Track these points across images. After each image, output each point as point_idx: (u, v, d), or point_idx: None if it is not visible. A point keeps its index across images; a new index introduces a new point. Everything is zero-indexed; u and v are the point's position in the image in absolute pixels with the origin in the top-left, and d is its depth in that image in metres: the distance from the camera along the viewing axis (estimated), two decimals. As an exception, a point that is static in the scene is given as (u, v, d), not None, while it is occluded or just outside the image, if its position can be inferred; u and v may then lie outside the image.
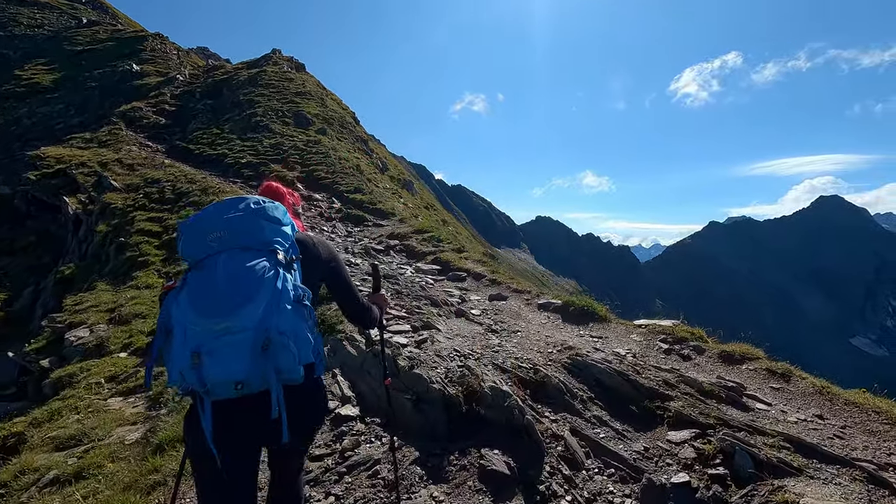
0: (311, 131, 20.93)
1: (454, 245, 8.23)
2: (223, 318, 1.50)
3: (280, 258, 1.67)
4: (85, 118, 27.88)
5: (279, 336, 1.54)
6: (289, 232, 1.79)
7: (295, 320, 1.59)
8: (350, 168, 16.90)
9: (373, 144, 29.43)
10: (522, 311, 5.25)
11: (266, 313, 1.54)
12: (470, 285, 6.37)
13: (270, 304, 1.56)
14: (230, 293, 1.54)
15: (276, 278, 1.61)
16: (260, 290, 1.56)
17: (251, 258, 1.62)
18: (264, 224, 1.73)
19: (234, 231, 1.68)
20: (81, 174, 17.10)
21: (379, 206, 11.98)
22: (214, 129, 21.69)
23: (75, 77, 33.97)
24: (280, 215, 1.80)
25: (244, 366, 1.51)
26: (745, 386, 3.36)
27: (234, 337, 1.51)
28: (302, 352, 1.59)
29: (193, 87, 29.78)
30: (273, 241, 1.71)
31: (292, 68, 31.65)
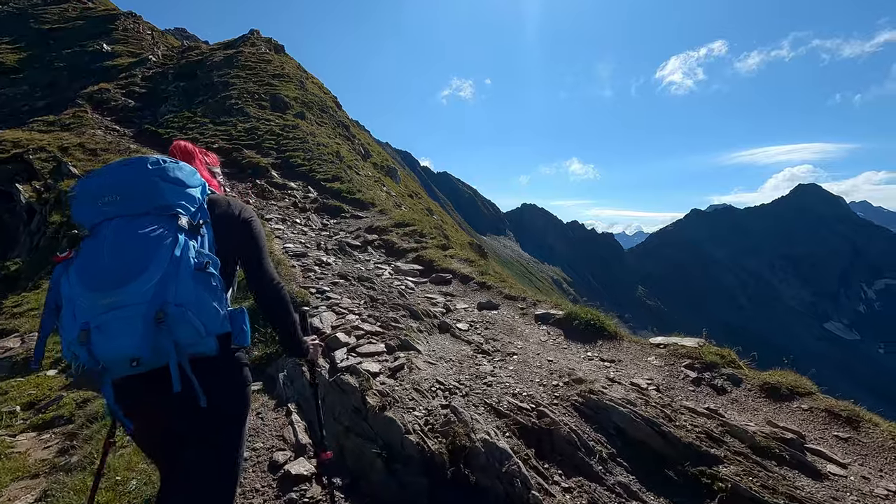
0: (289, 115, 19.76)
1: (438, 241, 7.38)
2: (110, 292, 1.39)
3: (182, 223, 1.53)
4: (52, 100, 26.16)
5: (176, 308, 1.42)
6: (195, 194, 1.63)
7: (197, 290, 1.47)
8: (329, 155, 15.87)
9: (355, 130, 28.25)
10: (517, 323, 4.45)
11: (161, 284, 1.42)
12: (456, 289, 5.55)
13: (167, 273, 1.43)
14: (118, 264, 1.42)
15: (175, 245, 1.47)
16: (154, 260, 1.43)
17: (146, 224, 1.48)
18: (163, 186, 1.56)
19: (129, 194, 1.52)
20: (39, 160, 15.78)
21: (358, 196, 11.05)
22: (186, 113, 20.37)
23: (42, 57, 31.97)
24: (184, 175, 1.62)
25: (136, 340, 1.38)
26: (804, 436, 2.62)
27: (124, 311, 1.38)
28: (208, 323, 1.47)
29: (166, 69, 28.16)
30: (174, 205, 1.56)
31: (271, 49, 30.16)
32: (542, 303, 4.92)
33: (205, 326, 1.46)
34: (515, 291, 5.28)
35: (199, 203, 1.63)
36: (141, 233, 1.46)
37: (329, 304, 4.74)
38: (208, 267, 1.50)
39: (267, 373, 4.04)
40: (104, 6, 43.37)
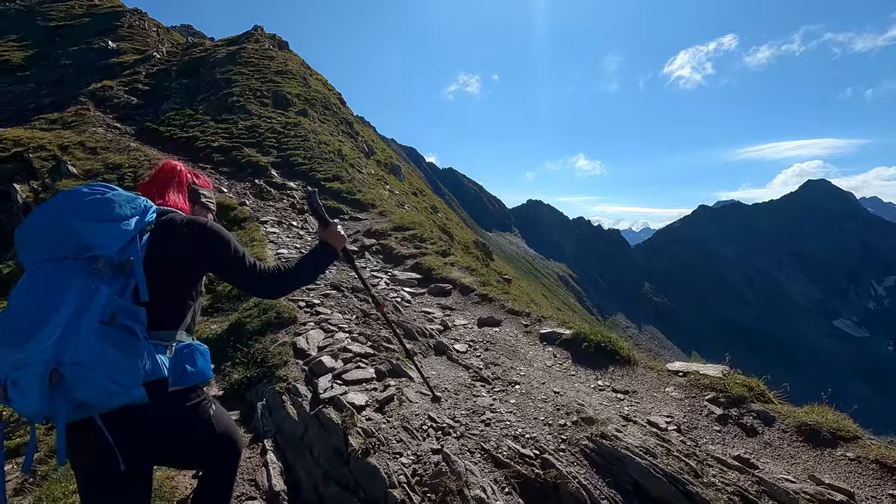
0: (291, 113, 19.41)
1: (439, 246, 6.99)
2: (16, 349, 1.31)
3: (98, 266, 1.40)
4: (58, 98, 25.97)
5: (73, 368, 1.30)
6: (125, 227, 1.48)
7: (101, 346, 1.34)
8: (331, 153, 15.50)
9: (359, 127, 27.87)
10: (520, 343, 4.06)
11: (61, 342, 1.30)
12: (456, 302, 5.17)
13: (67, 329, 1.31)
14: (24, 318, 1.33)
15: (82, 296, 1.34)
16: (54, 314, 1.31)
17: (59, 271, 1.37)
18: (81, 226, 1.42)
19: (49, 237, 1.41)
20: (38, 158, 15.54)
21: (358, 197, 10.68)
22: (188, 110, 20.08)
23: (49, 54, 31.82)
24: (111, 208, 1.48)
25: (36, 403, 1.31)
26: (854, 496, 2.23)
27: (26, 370, 1.30)
28: (120, 378, 1.36)
29: (169, 66, 27.92)
30: (93, 245, 1.41)
31: (275, 46, 29.82)
32: (548, 320, 4.53)
33: (116, 383, 1.36)
34: (519, 305, 4.89)
35: (129, 236, 1.48)
36: (49, 282, 1.36)
37: (318, 319, 4.38)
38: (116, 320, 1.37)
39: (247, 398, 3.69)
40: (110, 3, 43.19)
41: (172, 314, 1.58)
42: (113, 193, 1.51)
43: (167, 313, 1.56)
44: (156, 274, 1.50)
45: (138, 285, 1.45)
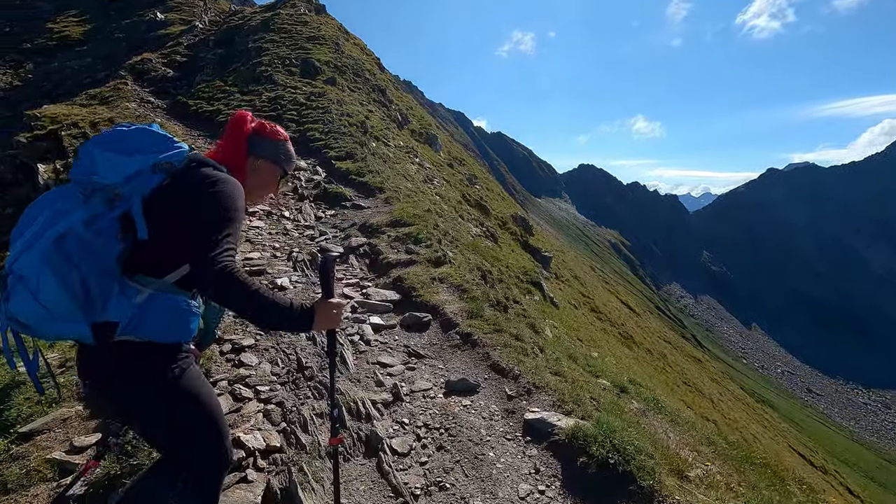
0: (319, 81, 18.22)
1: (433, 250, 5.66)
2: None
3: (88, 191, 1.40)
4: (110, 72, 26.19)
5: (12, 279, 1.30)
6: (133, 161, 1.45)
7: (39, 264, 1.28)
8: (353, 126, 14.26)
9: (396, 94, 26.36)
10: (493, 437, 2.76)
11: (17, 253, 1.32)
12: (430, 343, 3.90)
13: (26, 243, 1.32)
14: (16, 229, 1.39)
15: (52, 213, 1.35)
16: (27, 229, 1.35)
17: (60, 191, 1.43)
18: (97, 156, 1.44)
19: (76, 162, 1.47)
20: (69, 136, 15.33)
21: (366, 179, 9.43)
22: (217, 82, 19.34)
23: (104, 28, 32.19)
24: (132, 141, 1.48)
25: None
26: None
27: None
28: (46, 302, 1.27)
29: (208, 36, 27.33)
30: (97, 173, 1.42)
31: (311, 10, 28.48)
32: (543, 390, 3.16)
33: (43, 307, 1.29)
34: (510, 356, 3.55)
35: (132, 170, 1.44)
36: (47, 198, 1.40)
37: (235, 376, 3.26)
38: (63, 243, 1.32)
39: (109, 504, 2.67)
40: (162, -26, 43.17)
41: (162, 262, 1.47)
42: (139, 129, 1.52)
43: (157, 259, 1.46)
44: (154, 217, 1.43)
45: (135, 222, 1.40)
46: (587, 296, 24.11)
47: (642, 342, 25.07)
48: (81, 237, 1.33)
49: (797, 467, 24.53)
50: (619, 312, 29.87)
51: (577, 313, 16.53)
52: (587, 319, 17.72)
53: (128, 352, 1.41)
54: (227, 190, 1.48)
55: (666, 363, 24.01)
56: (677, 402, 15.61)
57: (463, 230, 12.70)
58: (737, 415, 27.04)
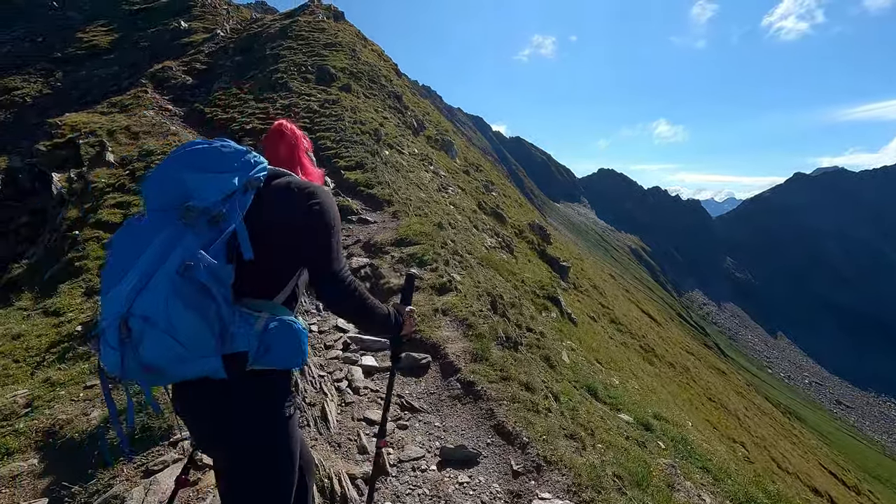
0: (334, 88, 17.95)
1: (439, 275, 5.15)
2: (105, 300, 1.24)
3: (192, 216, 1.27)
4: (134, 80, 26.55)
5: (140, 321, 1.17)
6: (230, 179, 1.34)
7: (169, 300, 1.17)
8: (365, 133, 13.88)
9: (412, 99, 26.01)
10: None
11: (133, 292, 1.19)
12: (425, 393, 3.39)
13: (142, 279, 1.19)
14: (113, 267, 1.28)
15: (163, 245, 1.23)
16: (134, 263, 1.22)
17: (156, 220, 1.29)
18: (186, 175, 1.34)
19: (160, 188, 1.35)
20: (86, 144, 15.34)
21: (374, 191, 8.98)
22: (234, 89, 19.26)
23: (130, 37, 32.73)
24: (217, 159, 1.37)
25: (112, 357, 1.19)
26: None
27: (106, 322, 1.21)
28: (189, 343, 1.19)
29: (228, 44, 27.46)
30: (193, 195, 1.31)
31: (330, 17, 28.40)
32: (556, 467, 2.62)
33: (182, 345, 1.19)
34: (517, 415, 3.01)
35: (230, 189, 1.33)
36: (139, 231, 1.29)
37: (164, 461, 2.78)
38: (191, 272, 1.20)
39: None
40: (186, -16, 43.90)
41: (268, 283, 1.43)
42: (222, 145, 1.43)
43: (262, 281, 1.40)
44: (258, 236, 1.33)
45: (239, 242, 1.29)
46: (607, 307, 23.28)
47: (664, 355, 24.11)
48: (208, 265, 1.24)
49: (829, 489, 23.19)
50: (639, 323, 28.89)
51: (597, 327, 15.81)
52: (607, 333, 16.97)
53: (253, 383, 1.37)
54: (328, 201, 1.49)
55: (689, 378, 23.01)
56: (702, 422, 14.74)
57: (477, 242, 12.16)
58: (764, 431, 25.80)
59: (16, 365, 5.18)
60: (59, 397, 3.91)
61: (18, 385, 4.45)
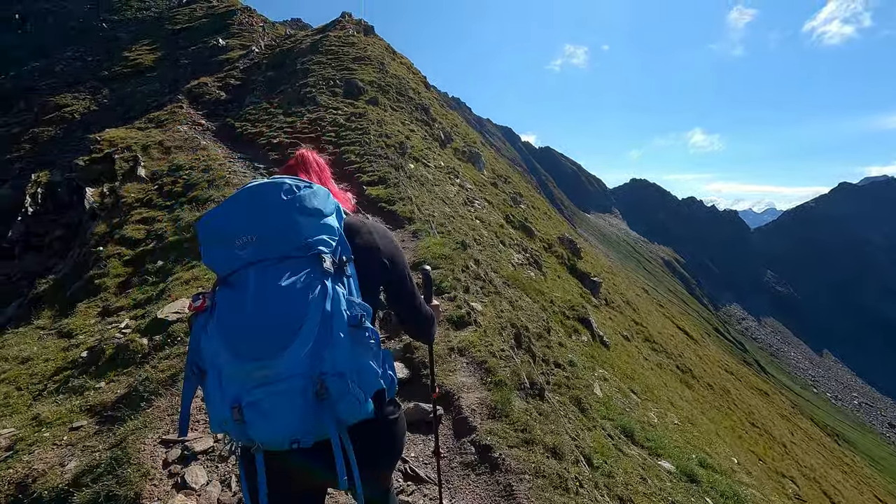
0: (361, 102, 17.82)
1: (457, 305, 4.65)
2: (262, 362, 1.13)
3: (326, 266, 1.25)
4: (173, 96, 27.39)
5: (337, 379, 1.17)
6: (334, 224, 1.34)
7: (355, 352, 1.21)
8: (391, 147, 13.59)
9: (440, 111, 25.76)
10: None
11: (316, 351, 1.16)
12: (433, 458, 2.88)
13: (321, 336, 1.16)
14: (266, 326, 1.15)
15: (325, 298, 1.20)
16: (305, 320, 1.16)
17: (289, 272, 1.21)
18: (301, 220, 1.27)
19: (266, 234, 1.25)
20: (121, 159, 15.64)
21: (396, 208, 8.59)
22: (264, 104, 19.42)
23: (172, 55, 33.93)
24: (321, 202, 1.33)
25: (296, 421, 1.15)
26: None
27: (279, 385, 1.13)
28: (367, 388, 1.24)
29: (261, 59, 27.98)
30: (315, 242, 1.27)
31: (360, 32, 28.60)
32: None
33: (364, 393, 1.23)
34: (542, 493, 2.48)
35: (338, 234, 1.34)
36: (286, 284, 1.19)
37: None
38: (364, 321, 1.24)
39: None
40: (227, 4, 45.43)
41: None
42: (315, 186, 1.36)
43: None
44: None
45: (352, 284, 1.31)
46: (640, 323, 22.19)
47: (702, 375, 22.75)
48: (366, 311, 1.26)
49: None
50: (675, 340, 27.50)
51: (630, 348, 14.92)
52: (641, 354, 16.03)
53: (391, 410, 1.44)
54: (394, 237, 1.57)
55: (730, 401, 21.60)
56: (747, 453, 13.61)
57: (503, 258, 11.60)
58: (813, 460, 23.95)
59: (17, 393, 4.96)
60: (43, 440, 3.60)
61: (10, 419, 4.18)
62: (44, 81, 34.31)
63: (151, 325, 4.95)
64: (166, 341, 4.56)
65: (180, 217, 9.64)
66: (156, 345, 4.64)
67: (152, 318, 5.03)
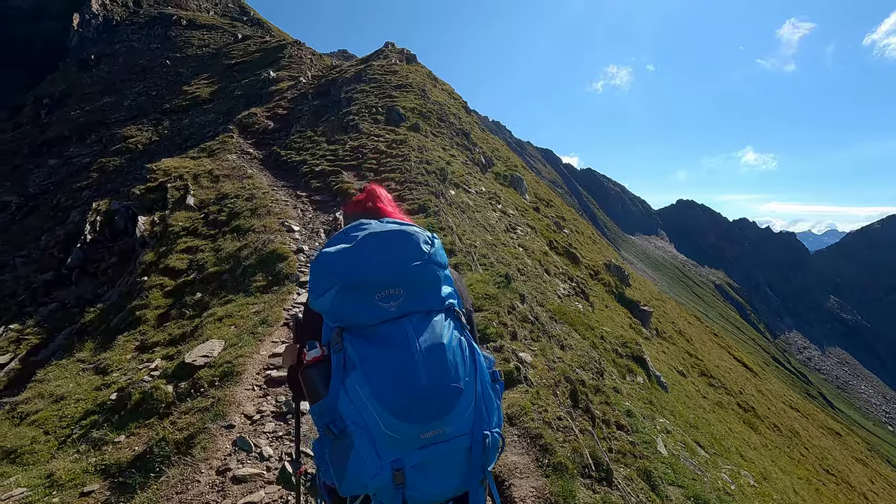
0: (402, 129, 17.79)
1: (506, 357, 4.08)
2: (431, 424, 1.13)
3: (463, 320, 1.29)
4: (226, 126, 28.66)
5: (497, 435, 1.23)
6: (450, 275, 1.37)
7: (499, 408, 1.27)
8: (431, 174, 13.31)
9: (480, 136, 25.54)
10: None
11: (477, 408, 1.20)
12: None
13: (481, 394, 1.21)
14: (437, 384, 1.15)
15: (473, 354, 1.24)
16: (464, 378, 1.19)
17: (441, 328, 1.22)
18: (440, 275, 1.30)
19: (415, 288, 1.24)
20: (173, 188, 16.17)
21: (436, 240, 8.15)
22: (309, 132, 19.79)
23: (227, 88, 35.77)
24: (443, 255, 1.35)
25: (460, 477, 1.19)
26: None
27: (448, 445, 1.15)
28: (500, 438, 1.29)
29: (307, 89, 28.87)
30: (448, 296, 1.30)
31: (402, 60, 29.10)
32: None
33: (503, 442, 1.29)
34: None
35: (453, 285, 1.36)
36: (443, 342, 1.19)
37: None
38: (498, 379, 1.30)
39: None
40: (278, 39, 47.81)
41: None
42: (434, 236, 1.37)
43: None
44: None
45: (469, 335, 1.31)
46: (695, 356, 20.62)
47: (766, 414, 20.77)
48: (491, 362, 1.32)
49: None
50: (734, 374, 25.46)
51: (687, 385, 13.70)
52: (699, 391, 14.71)
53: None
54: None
55: (800, 444, 19.52)
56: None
57: (549, 289, 10.92)
58: (900, 515, 21.21)
59: (44, 438, 4.75)
60: (51, 506, 3.27)
61: (26, 474, 3.92)
62: (113, 115, 36.77)
63: (178, 369, 4.67)
64: (190, 391, 4.24)
65: (222, 247, 9.61)
66: (180, 393, 4.33)
67: (180, 362, 4.75)
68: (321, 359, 1.17)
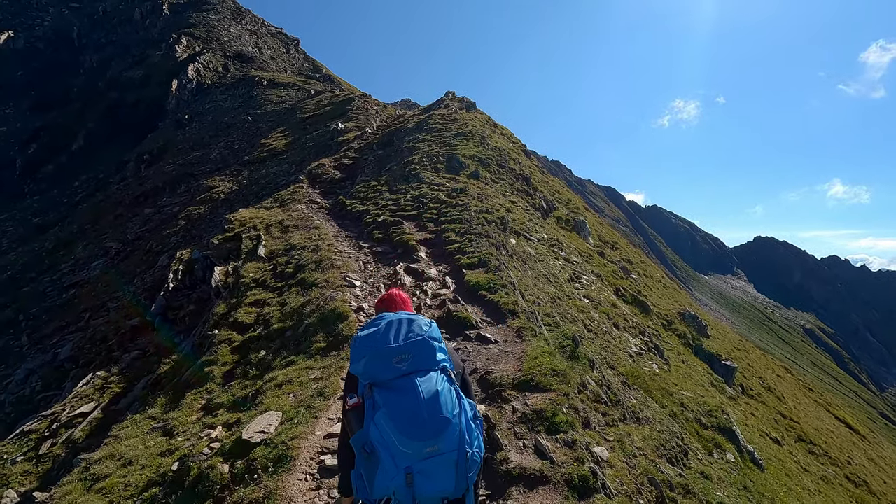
0: (463, 176, 17.90)
1: (578, 454, 3.59)
2: (431, 442, 1.68)
3: (452, 376, 1.90)
4: (297, 176, 30.54)
5: (478, 453, 1.77)
6: (444, 346, 1.97)
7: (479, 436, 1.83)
8: (492, 223, 13.09)
9: (540, 179, 25.21)
10: None
11: (462, 434, 1.74)
12: None
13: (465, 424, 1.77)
14: (433, 416, 1.71)
15: (459, 398, 1.83)
16: (454, 414, 1.75)
17: (437, 380, 1.81)
18: (435, 346, 1.90)
19: (419, 355, 1.85)
20: (247, 238, 17.08)
21: (496, 298, 7.79)
22: (372, 181, 20.43)
23: (300, 140, 38.42)
24: (438, 333, 1.99)
25: (451, 482, 1.70)
26: None
27: (441, 458, 1.69)
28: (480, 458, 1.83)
29: (372, 140, 30.19)
30: (442, 360, 1.89)
31: (462, 108, 29.82)
32: None
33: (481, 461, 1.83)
34: None
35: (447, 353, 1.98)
36: (437, 389, 1.77)
37: None
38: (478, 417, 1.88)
39: None
40: (347, 93, 51.15)
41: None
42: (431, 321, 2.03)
43: None
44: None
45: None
46: (789, 417, 18.25)
47: (884, 491, 17.73)
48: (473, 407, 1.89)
49: None
50: (837, 437, 22.23)
51: (784, 458, 11.97)
52: (799, 464, 12.82)
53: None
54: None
55: (931, 531, 16.37)
56: None
57: (619, 348, 10.10)
58: None
59: (109, 509, 4.75)
60: None
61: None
62: (201, 167, 40.28)
63: (236, 445, 4.58)
64: (245, 473, 4.09)
65: (287, 301, 9.81)
66: (235, 474, 4.19)
67: (237, 437, 4.66)
68: (357, 405, 1.72)
